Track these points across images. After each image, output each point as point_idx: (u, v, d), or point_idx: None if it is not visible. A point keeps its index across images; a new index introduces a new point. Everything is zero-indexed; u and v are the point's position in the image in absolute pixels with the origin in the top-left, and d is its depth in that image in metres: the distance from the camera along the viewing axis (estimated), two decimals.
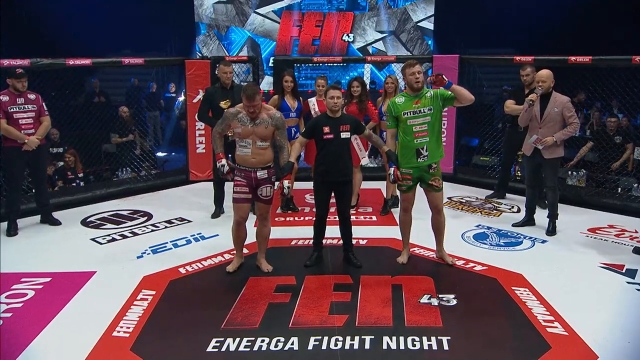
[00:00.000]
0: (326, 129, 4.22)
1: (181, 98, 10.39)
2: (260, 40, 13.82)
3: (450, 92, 4.15)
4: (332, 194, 4.38)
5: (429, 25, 13.60)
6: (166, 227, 5.48)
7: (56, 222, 5.51)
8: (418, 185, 4.34)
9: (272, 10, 13.71)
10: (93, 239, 5.10)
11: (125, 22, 11.41)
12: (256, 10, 13.64)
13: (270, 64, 13.23)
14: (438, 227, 4.45)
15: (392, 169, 4.28)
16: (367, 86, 6.50)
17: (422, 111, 4.17)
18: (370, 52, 13.74)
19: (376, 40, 13.76)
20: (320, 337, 3.33)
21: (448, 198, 6.24)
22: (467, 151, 8.88)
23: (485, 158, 7.84)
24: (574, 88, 7.20)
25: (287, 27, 13.72)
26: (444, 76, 4.09)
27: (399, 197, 4.49)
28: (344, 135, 4.24)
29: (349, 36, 13.77)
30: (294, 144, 4.47)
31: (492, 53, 9.13)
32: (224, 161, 4.13)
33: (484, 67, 7.24)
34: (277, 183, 4.22)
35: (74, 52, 6.51)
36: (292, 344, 3.28)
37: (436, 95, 4.19)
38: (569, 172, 6.97)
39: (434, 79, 4.09)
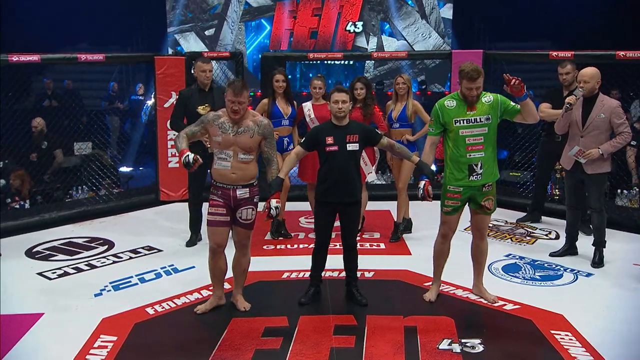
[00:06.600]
0: (329, 140, 4.23)
1: (150, 102, 10.44)
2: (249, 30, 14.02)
3: (514, 105, 4.13)
4: (336, 217, 4.38)
5: (448, 14, 13.75)
6: (131, 257, 5.47)
7: None
8: (466, 206, 4.32)
9: None
10: (40, 273, 5.08)
11: (81, 11, 11.47)
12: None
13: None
14: (479, 256, 4.46)
15: (422, 182, 4.21)
16: (373, 87, 6.54)
17: (479, 120, 4.13)
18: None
19: None
20: None
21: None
22: None
23: (516, 173, 7.86)
24: (622, 88, 7.25)
25: (280, 19, 13.84)
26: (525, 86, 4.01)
27: (440, 218, 4.40)
28: (350, 147, 4.25)
29: (355, 25, 13.69)
30: (288, 155, 4.48)
31: (524, 48, 9.21)
32: (188, 152, 3.96)
33: (513, 65, 7.28)
34: (261, 204, 4.20)
35: (20, 46, 6.55)
36: None
37: (497, 102, 4.15)
38: (619, 191, 6.99)
39: (516, 83, 3.97)
